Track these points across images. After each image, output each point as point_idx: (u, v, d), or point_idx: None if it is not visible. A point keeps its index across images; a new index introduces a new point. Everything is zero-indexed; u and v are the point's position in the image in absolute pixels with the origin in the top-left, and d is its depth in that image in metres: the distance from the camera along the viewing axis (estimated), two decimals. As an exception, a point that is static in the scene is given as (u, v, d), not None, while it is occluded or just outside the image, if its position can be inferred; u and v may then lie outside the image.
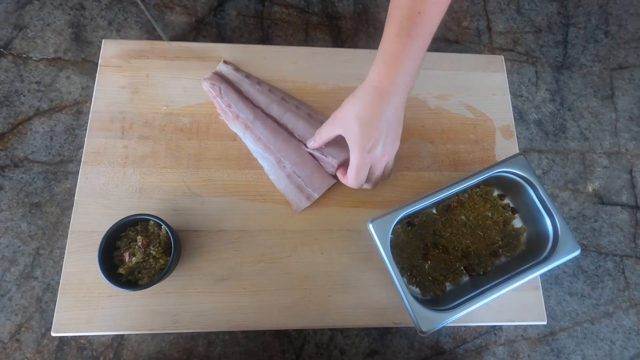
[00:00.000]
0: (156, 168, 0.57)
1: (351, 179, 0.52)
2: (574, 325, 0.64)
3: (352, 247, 0.57)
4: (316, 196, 0.56)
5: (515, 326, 0.62)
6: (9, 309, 0.56)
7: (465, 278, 0.55)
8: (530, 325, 0.63)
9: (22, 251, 0.58)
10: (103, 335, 0.56)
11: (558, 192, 0.70)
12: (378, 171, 0.52)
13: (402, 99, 0.49)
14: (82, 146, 0.58)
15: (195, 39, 0.71)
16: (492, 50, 0.77)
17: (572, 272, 0.66)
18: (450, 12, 0.79)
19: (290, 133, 0.59)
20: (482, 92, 0.66)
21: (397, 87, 0.47)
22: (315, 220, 0.57)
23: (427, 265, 0.55)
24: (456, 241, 0.56)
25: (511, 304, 0.56)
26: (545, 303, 0.57)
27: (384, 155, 0.50)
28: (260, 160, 0.58)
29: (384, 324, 0.54)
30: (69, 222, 0.54)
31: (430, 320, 0.46)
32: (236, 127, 0.59)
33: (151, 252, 0.49)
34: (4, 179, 0.61)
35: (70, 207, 0.56)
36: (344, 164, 0.55)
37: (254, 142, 0.58)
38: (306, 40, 0.74)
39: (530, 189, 0.55)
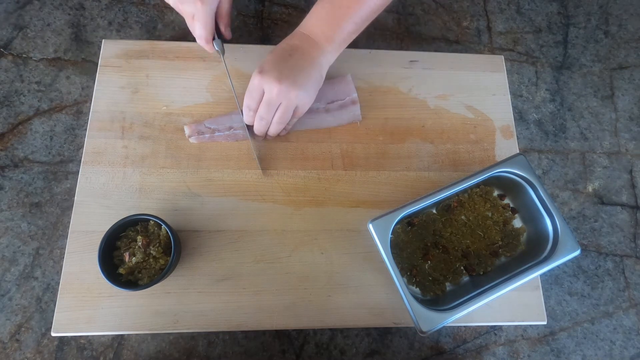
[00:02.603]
0: (156, 168, 0.57)
1: (259, 114, 0.54)
2: (574, 325, 0.64)
3: (352, 247, 0.56)
4: None
5: (515, 326, 0.62)
6: (9, 309, 0.56)
7: (465, 278, 0.55)
8: (530, 325, 0.62)
9: (22, 251, 0.58)
10: (103, 335, 0.56)
11: (558, 192, 0.70)
12: (272, 102, 0.52)
13: (322, 60, 0.54)
14: (82, 146, 0.58)
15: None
16: (492, 50, 0.77)
17: (572, 272, 0.66)
18: (451, 12, 0.79)
19: None
20: (482, 92, 0.66)
21: (322, 45, 0.53)
22: (315, 220, 0.57)
23: (427, 265, 0.55)
24: (456, 241, 0.56)
25: (511, 304, 0.56)
26: (545, 303, 0.57)
27: (279, 82, 0.50)
28: None
29: (384, 324, 0.54)
30: (69, 222, 0.54)
31: (430, 320, 0.46)
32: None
33: (151, 252, 0.49)
34: (4, 179, 0.61)
35: (70, 207, 0.56)
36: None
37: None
38: (306, 40, 0.74)
39: (530, 189, 0.55)
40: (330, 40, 0.53)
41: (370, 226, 0.49)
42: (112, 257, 0.49)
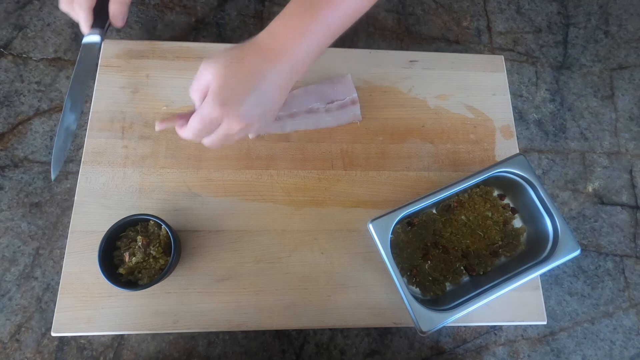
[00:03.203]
0: (156, 168, 0.57)
1: (191, 127, 0.44)
2: (574, 325, 0.64)
3: (352, 247, 0.56)
4: None
5: (515, 326, 0.62)
6: (9, 309, 0.56)
7: (465, 278, 0.55)
8: (530, 325, 0.63)
9: (22, 251, 0.58)
10: (103, 335, 0.56)
11: (558, 192, 0.70)
12: (230, 133, 0.45)
13: (287, 80, 0.44)
14: (82, 146, 0.58)
15: (195, 39, 0.71)
16: (492, 50, 0.77)
17: (572, 272, 0.66)
18: (451, 12, 0.79)
19: None
20: (482, 92, 0.66)
21: (286, 64, 0.43)
22: (315, 220, 0.57)
23: (427, 265, 0.55)
24: (456, 241, 0.56)
25: (511, 304, 0.56)
26: (545, 303, 0.57)
27: (243, 119, 0.43)
28: None
29: (384, 324, 0.54)
30: (69, 222, 0.54)
31: (430, 320, 0.46)
32: None
33: (151, 252, 0.49)
34: (4, 179, 0.61)
35: (70, 207, 0.56)
36: (187, 116, 0.46)
37: None
38: (306, 40, 0.74)
39: (530, 189, 0.55)
40: (307, 52, 0.44)
41: (370, 226, 0.49)
42: (112, 257, 0.49)
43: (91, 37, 0.56)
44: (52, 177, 0.53)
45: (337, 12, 0.44)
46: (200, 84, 0.43)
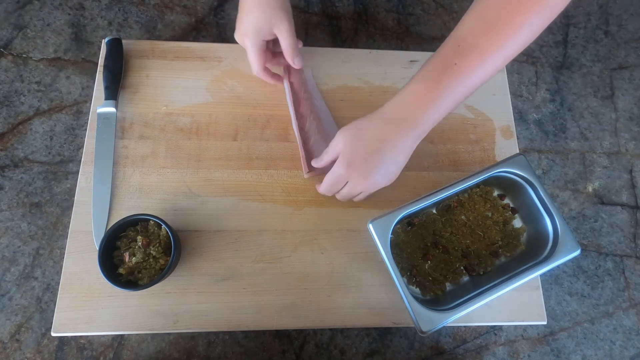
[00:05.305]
0: (156, 168, 0.57)
1: (324, 185, 0.53)
2: (574, 325, 0.64)
3: (352, 247, 0.56)
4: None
5: (515, 326, 0.62)
6: (9, 309, 0.56)
7: (465, 278, 0.55)
8: (530, 325, 0.63)
9: (22, 251, 0.58)
10: (103, 335, 0.56)
11: (558, 192, 0.70)
12: (353, 191, 0.52)
13: (410, 144, 0.47)
14: (82, 146, 0.58)
15: (195, 39, 0.71)
16: (492, 50, 0.77)
17: (572, 272, 0.66)
18: (451, 12, 0.79)
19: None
20: (482, 92, 0.66)
21: (410, 130, 0.46)
22: (315, 220, 0.57)
23: (427, 265, 0.55)
24: (456, 241, 0.56)
25: (511, 304, 0.56)
26: (545, 303, 0.57)
27: (366, 179, 0.48)
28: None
29: (383, 324, 0.54)
30: (69, 222, 0.54)
31: (430, 320, 0.46)
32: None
33: (151, 252, 0.49)
34: (4, 179, 0.61)
35: (70, 207, 0.56)
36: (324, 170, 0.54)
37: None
38: (306, 40, 0.74)
39: (530, 189, 0.55)
40: (430, 119, 0.47)
41: (370, 226, 0.49)
42: (112, 257, 0.49)
43: (106, 108, 0.58)
44: (97, 247, 0.51)
45: (465, 86, 0.45)
46: (335, 149, 0.50)
